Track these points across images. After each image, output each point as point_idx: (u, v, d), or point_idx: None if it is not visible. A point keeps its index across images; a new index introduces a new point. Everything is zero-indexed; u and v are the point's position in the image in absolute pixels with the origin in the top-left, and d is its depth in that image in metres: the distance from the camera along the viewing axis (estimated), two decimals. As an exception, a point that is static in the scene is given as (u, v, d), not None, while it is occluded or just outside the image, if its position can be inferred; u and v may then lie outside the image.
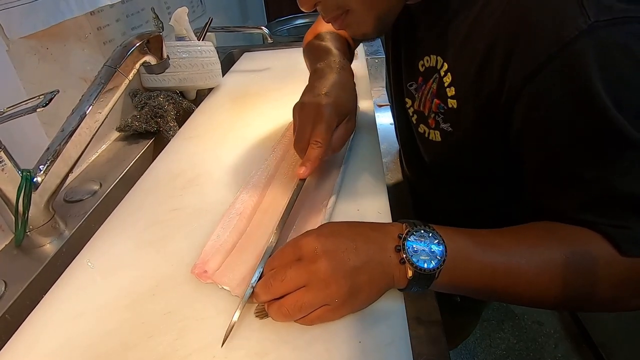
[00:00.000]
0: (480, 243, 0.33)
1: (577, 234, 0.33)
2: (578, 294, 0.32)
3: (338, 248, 0.31)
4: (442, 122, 0.43)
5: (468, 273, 0.32)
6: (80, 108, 0.47)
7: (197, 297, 0.36)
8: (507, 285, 0.32)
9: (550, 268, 0.32)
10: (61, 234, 0.48)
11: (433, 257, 0.30)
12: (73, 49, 0.62)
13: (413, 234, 0.31)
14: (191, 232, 0.44)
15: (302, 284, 0.31)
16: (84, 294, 0.38)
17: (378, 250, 0.31)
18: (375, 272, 0.31)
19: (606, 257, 0.31)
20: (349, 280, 0.30)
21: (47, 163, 0.45)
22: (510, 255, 0.32)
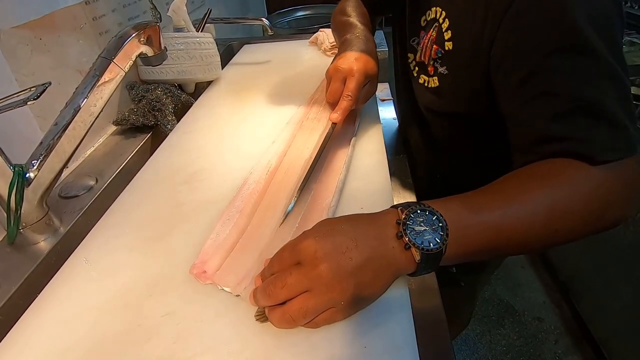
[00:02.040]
0: (474, 208, 0.33)
1: (553, 168, 0.34)
2: (571, 221, 0.33)
3: (338, 249, 0.30)
4: (440, 66, 0.48)
5: (470, 240, 0.32)
6: (74, 101, 0.45)
7: (196, 298, 0.34)
8: (509, 237, 0.32)
9: (541, 209, 0.32)
10: (56, 231, 0.47)
11: (436, 235, 0.30)
12: (68, 40, 0.60)
13: (411, 216, 0.31)
14: (190, 230, 0.43)
15: (304, 289, 0.29)
16: (78, 294, 0.37)
17: (380, 244, 0.30)
18: (379, 266, 0.30)
19: (583, 176, 0.33)
20: (354, 280, 0.29)
21: (41, 158, 0.43)
22: (503, 211, 0.32)
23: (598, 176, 0.33)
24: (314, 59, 0.90)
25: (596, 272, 1.20)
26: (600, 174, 0.33)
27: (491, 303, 1.47)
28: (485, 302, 1.47)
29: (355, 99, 0.52)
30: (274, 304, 0.30)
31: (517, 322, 1.40)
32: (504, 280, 1.54)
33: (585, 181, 0.33)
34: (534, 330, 1.36)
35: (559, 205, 0.32)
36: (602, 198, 0.33)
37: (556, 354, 1.29)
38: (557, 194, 0.33)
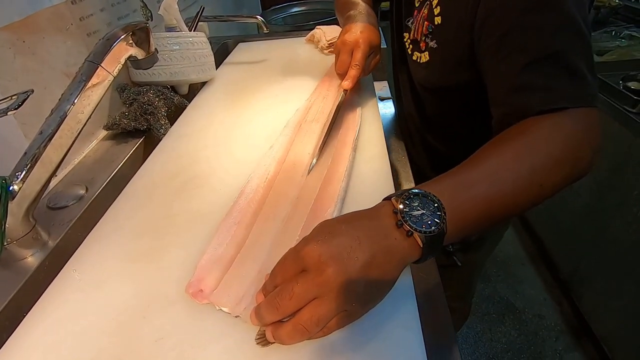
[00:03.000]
0: (464, 184, 0.34)
1: (526, 129, 0.37)
2: (552, 173, 0.35)
3: (343, 250, 0.29)
4: (430, 40, 0.51)
5: (466, 214, 0.32)
6: (60, 108, 0.43)
7: (192, 320, 0.32)
8: (500, 203, 0.34)
9: (523, 169, 0.34)
10: (44, 245, 0.45)
11: (434, 216, 0.30)
12: (53, 41, 0.57)
13: (406, 203, 0.31)
14: (186, 243, 0.40)
15: (313, 296, 0.28)
16: (68, 315, 0.34)
17: (382, 237, 0.30)
18: (386, 260, 0.30)
19: (554, 130, 0.36)
20: (363, 279, 0.28)
21: (25, 169, 0.41)
22: (490, 181, 0.34)
23: (567, 127, 0.36)
24: (311, 58, 0.88)
25: (597, 269, 1.19)
26: (569, 124, 0.36)
27: (491, 300, 1.46)
28: (485, 300, 1.46)
29: (362, 68, 0.58)
30: (281, 318, 0.29)
31: (517, 319, 1.39)
32: (504, 278, 1.54)
33: (557, 134, 0.36)
34: (535, 328, 1.36)
35: (537, 161, 0.34)
36: (574, 146, 0.36)
37: (557, 351, 1.29)
38: (534, 152, 0.35)
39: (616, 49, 1.30)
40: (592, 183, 1.17)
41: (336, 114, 0.55)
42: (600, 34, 1.42)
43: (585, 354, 1.25)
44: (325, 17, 1.33)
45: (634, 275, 1.03)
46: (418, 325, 0.31)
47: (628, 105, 0.97)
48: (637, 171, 0.99)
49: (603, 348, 1.17)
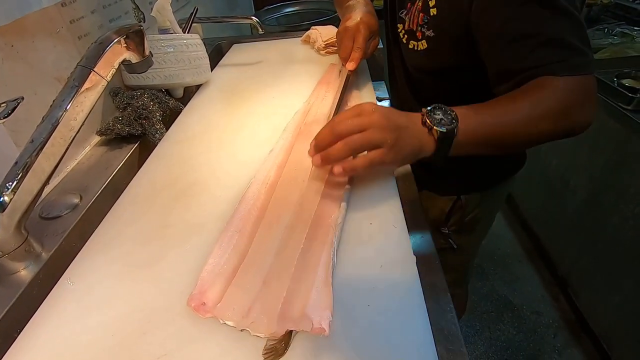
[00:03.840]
0: (477, 111, 0.44)
1: (531, 87, 0.45)
2: (546, 121, 0.44)
3: (389, 111, 0.42)
4: (427, 30, 0.55)
5: (473, 129, 0.43)
6: (51, 115, 0.41)
7: (195, 335, 0.31)
8: (502, 132, 0.44)
9: (523, 114, 0.44)
10: (37, 258, 0.43)
11: (449, 121, 0.42)
12: (43, 45, 0.55)
13: (431, 110, 0.43)
14: (186, 254, 0.39)
15: (364, 127, 0.40)
16: (64, 332, 0.33)
17: (412, 124, 0.43)
18: (411, 135, 0.42)
19: (552, 90, 0.44)
20: (396, 133, 0.40)
21: (16, 180, 0.39)
22: (497, 115, 0.44)
23: (563, 88, 0.44)
24: (307, 59, 0.86)
25: (594, 266, 1.20)
26: (565, 86, 0.44)
27: (490, 299, 1.47)
28: (484, 298, 1.47)
29: (364, 50, 0.65)
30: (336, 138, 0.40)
31: (516, 317, 1.40)
32: (502, 275, 1.54)
33: (553, 93, 0.44)
34: (533, 325, 1.36)
35: (536, 110, 0.44)
36: (567, 103, 0.44)
37: (555, 347, 1.29)
38: (534, 103, 0.44)
39: (609, 46, 1.30)
40: (589, 180, 1.17)
41: (342, 95, 0.61)
42: (592, 32, 1.43)
43: (583, 350, 1.26)
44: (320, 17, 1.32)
45: (631, 271, 1.03)
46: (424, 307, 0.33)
47: (623, 102, 0.98)
48: (633, 168, 1.00)
49: (601, 344, 1.17)
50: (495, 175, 0.73)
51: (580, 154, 1.20)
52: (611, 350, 1.14)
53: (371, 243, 0.38)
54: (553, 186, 1.38)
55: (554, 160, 1.36)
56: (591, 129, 0.48)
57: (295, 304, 0.32)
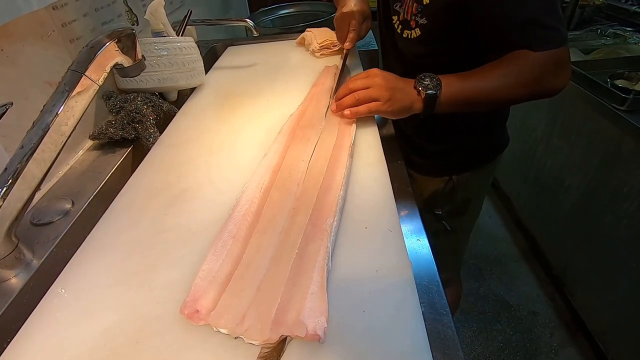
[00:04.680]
0: (460, 77, 0.57)
1: (509, 58, 0.55)
2: (519, 86, 0.56)
3: (389, 76, 0.58)
4: (420, 18, 0.62)
5: (455, 91, 0.56)
6: (42, 120, 0.40)
7: (189, 343, 0.31)
8: (480, 93, 0.56)
9: (500, 79, 0.56)
10: (28, 265, 0.42)
11: (435, 87, 0.55)
12: (34, 49, 0.54)
13: (421, 77, 0.57)
14: (179, 260, 0.39)
15: (368, 86, 0.56)
16: (55, 342, 0.33)
17: (406, 86, 0.58)
18: (404, 93, 0.57)
19: (527, 60, 0.54)
20: (391, 91, 0.56)
21: (6, 186, 0.38)
22: (477, 80, 0.57)
23: (536, 59, 0.53)
24: (302, 61, 0.86)
25: (589, 265, 1.21)
26: (538, 58, 0.53)
27: (486, 299, 1.47)
28: (480, 299, 1.47)
29: (358, 31, 0.76)
30: (350, 92, 0.57)
31: (512, 317, 1.40)
32: (498, 276, 1.55)
33: (527, 62, 0.54)
34: (529, 325, 1.37)
35: (511, 79, 0.55)
36: (539, 73, 0.54)
37: (552, 347, 1.30)
38: (510, 73, 0.55)
39: (602, 47, 1.32)
40: (583, 180, 1.18)
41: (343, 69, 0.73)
42: (585, 33, 1.44)
43: (579, 349, 1.27)
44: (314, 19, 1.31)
45: (625, 270, 1.04)
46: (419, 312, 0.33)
47: (616, 103, 0.98)
48: (626, 167, 1.00)
49: (597, 343, 1.18)
50: (483, 155, 0.81)
51: (575, 154, 1.21)
52: (607, 348, 1.14)
53: (366, 248, 0.38)
54: (548, 186, 1.39)
55: (549, 160, 1.37)
56: (585, 130, 0.50)
57: (290, 310, 0.32)
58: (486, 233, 1.73)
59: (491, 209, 1.84)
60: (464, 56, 0.63)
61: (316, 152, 0.51)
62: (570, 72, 0.56)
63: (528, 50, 0.53)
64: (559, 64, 0.54)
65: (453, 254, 0.99)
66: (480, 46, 0.60)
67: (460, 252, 1.04)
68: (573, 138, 1.20)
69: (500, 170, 1.51)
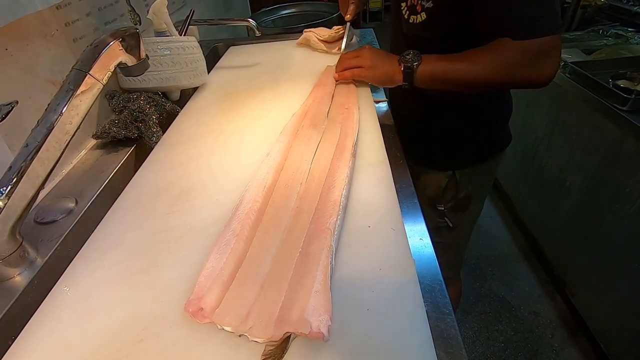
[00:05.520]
0: (439, 57, 0.62)
1: (493, 45, 0.56)
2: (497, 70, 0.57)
3: (377, 50, 0.69)
4: (426, 2, 0.64)
5: (433, 69, 0.61)
6: (46, 119, 0.41)
7: (193, 342, 0.31)
8: (457, 74, 0.60)
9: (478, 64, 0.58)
10: (32, 263, 0.43)
11: (414, 61, 0.62)
12: (37, 48, 0.54)
13: (407, 53, 0.63)
14: (183, 259, 0.39)
15: (356, 56, 0.69)
16: (59, 341, 0.33)
17: (391, 59, 0.65)
18: (387, 63, 0.65)
19: (508, 47, 0.55)
20: (374, 61, 0.67)
21: (10, 185, 0.38)
22: (456, 62, 0.60)
23: (515, 47, 0.54)
24: (304, 61, 0.86)
25: (590, 265, 1.21)
26: (517, 45, 0.54)
27: (487, 299, 1.47)
28: (481, 298, 1.47)
29: (357, 4, 0.83)
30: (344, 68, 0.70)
31: (513, 317, 1.40)
32: (499, 276, 1.55)
33: (506, 50, 0.55)
34: (530, 325, 1.37)
35: (487, 61, 0.57)
36: (517, 60, 0.55)
37: (553, 347, 1.29)
38: (489, 56, 0.57)
39: (604, 47, 1.31)
40: (584, 180, 1.18)
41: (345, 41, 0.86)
42: (587, 33, 1.44)
43: (580, 349, 1.26)
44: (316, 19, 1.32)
45: (626, 270, 1.04)
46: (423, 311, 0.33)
47: (618, 103, 0.98)
48: (628, 168, 1.00)
49: (598, 343, 1.18)
50: (486, 150, 0.81)
51: (576, 154, 1.20)
52: (608, 348, 1.14)
53: (370, 246, 0.38)
54: (549, 186, 1.39)
55: (550, 160, 1.37)
56: (586, 130, 0.49)
57: (293, 309, 0.32)
58: (487, 233, 1.73)
59: (492, 209, 1.84)
60: (467, 43, 0.63)
61: (319, 152, 0.51)
62: (557, 64, 0.55)
63: (509, 38, 0.54)
64: (540, 54, 0.53)
65: (454, 250, 0.99)
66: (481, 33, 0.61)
67: (461, 249, 1.04)
68: (574, 138, 1.20)
69: (501, 171, 1.51)
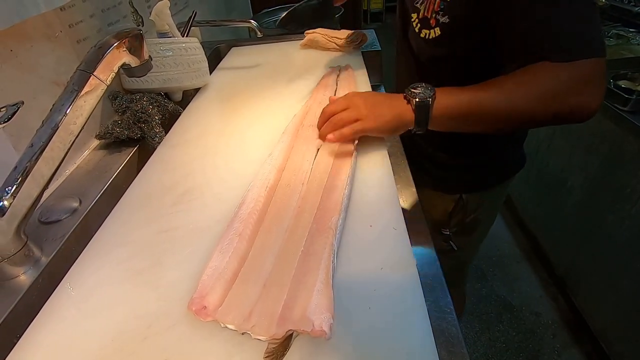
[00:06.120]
0: (462, 89, 0.49)
1: (530, 68, 0.46)
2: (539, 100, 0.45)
3: (368, 94, 0.54)
4: (441, 17, 0.56)
5: (452, 103, 0.48)
6: (51, 119, 0.41)
7: (197, 339, 0.31)
8: (482, 109, 0.47)
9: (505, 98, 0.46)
10: (37, 262, 0.43)
11: (426, 94, 0.48)
12: (41, 49, 0.55)
13: (414, 87, 0.49)
14: (186, 258, 0.39)
15: (346, 106, 0.52)
16: (64, 339, 0.33)
17: (394, 99, 0.51)
18: (388, 106, 0.51)
19: (542, 72, 0.45)
20: (371, 107, 0.51)
21: (16, 184, 0.39)
22: (477, 93, 0.48)
23: (557, 71, 0.44)
24: (305, 62, 0.87)
25: (591, 265, 1.21)
26: (559, 70, 0.44)
27: (489, 300, 1.47)
28: (483, 299, 1.47)
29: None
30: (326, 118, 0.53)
31: (515, 317, 1.40)
32: (500, 277, 1.55)
33: (546, 74, 0.44)
34: (532, 326, 1.37)
35: (521, 89, 0.45)
36: (559, 86, 0.44)
37: (555, 348, 1.29)
38: (521, 82, 0.46)
39: (605, 48, 1.31)
40: (585, 180, 1.18)
41: None
42: (588, 34, 1.44)
43: (582, 350, 1.26)
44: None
45: (628, 270, 1.04)
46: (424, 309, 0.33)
47: (619, 103, 0.98)
48: (629, 168, 1.00)
49: (600, 343, 1.18)
50: (497, 174, 0.74)
51: (577, 155, 1.21)
52: (609, 349, 1.14)
53: (371, 245, 0.38)
54: (550, 187, 1.39)
55: (551, 161, 1.37)
56: (587, 130, 0.49)
57: (296, 307, 0.32)
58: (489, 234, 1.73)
59: (493, 210, 1.84)
60: (489, 67, 0.54)
61: (320, 152, 0.52)
62: (603, 92, 0.44)
63: (548, 62, 0.44)
64: (586, 79, 0.43)
65: (458, 271, 0.96)
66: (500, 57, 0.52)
67: (466, 269, 1.00)
68: (575, 139, 1.20)
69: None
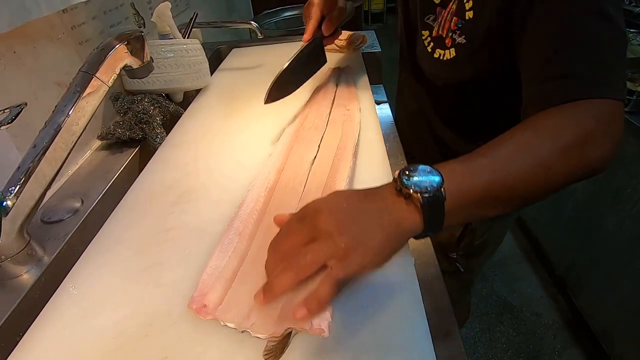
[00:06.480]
0: (469, 157, 0.34)
1: (543, 117, 0.37)
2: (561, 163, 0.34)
3: (339, 200, 0.31)
4: (458, 37, 0.50)
5: (467, 186, 0.31)
6: (53, 120, 0.42)
7: (197, 337, 0.32)
8: (503, 189, 0.33)
9: (530, 161, 0.33)
10: (39, 261, 0.43)
11: (432, 179, 0.30)
12: (45, 51, 0.56)
13: (405, 174, 0.31)
14: (186, 257, 0.40)
15: (307, 238, 0.30)
16: (66, 336, 0.33)
17: (381, 199, 0.31)
18: (378, 217, 0.30)
19: (568, 116, 0.36)
20: (350, 228, 0.29)
21: (19, 184, 0.39)
22: (494, 166, 0.33)
23: (581, 117, 0.35)
24: (306, 63, 0.87)
25: (592, 265, 1.21)
26: (583, 114, 0.35)
27: (489, 300, 1.47)
28: (483, 299, 1.47)
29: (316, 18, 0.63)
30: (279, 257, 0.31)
31: (515, 318, 1.40)
32: (501, 277, 1.55)
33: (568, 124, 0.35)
34: (533, 326, 1.37)
35: (543, 152, 0.34)
36: (584, 137, 0.34)
37: (555, 348, 1.29)
38: (542, 142, 0.34)
39: (605, 48, 1.32)
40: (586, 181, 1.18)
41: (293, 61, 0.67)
42: (589, 34, 1.44)
43: (583, 350, 1.26)
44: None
45: (628, 270, 1.04)
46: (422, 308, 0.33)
47: (619, 104, 0.99)
48: (629, 169, 1.00)
49: (600, 344, 1.17)
50: None
51: (578, 156, 1.21)
52: (610, 349, 1.14)
53: (370, 245, 0.39)
54: (551, 187, 1.39)
55: (552, 161, 1.37)
56: None
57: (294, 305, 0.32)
58: (489, 234, 1.73)
59: (494, 211, 1.84)
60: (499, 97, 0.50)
61: (320, 153, 0.52)
62: (620, 136, 0.37)
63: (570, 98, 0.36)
64: (612, 120, 0.36)
65: (464, 288, 0.95)
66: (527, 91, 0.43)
67: (470, 288, 0.98)
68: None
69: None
